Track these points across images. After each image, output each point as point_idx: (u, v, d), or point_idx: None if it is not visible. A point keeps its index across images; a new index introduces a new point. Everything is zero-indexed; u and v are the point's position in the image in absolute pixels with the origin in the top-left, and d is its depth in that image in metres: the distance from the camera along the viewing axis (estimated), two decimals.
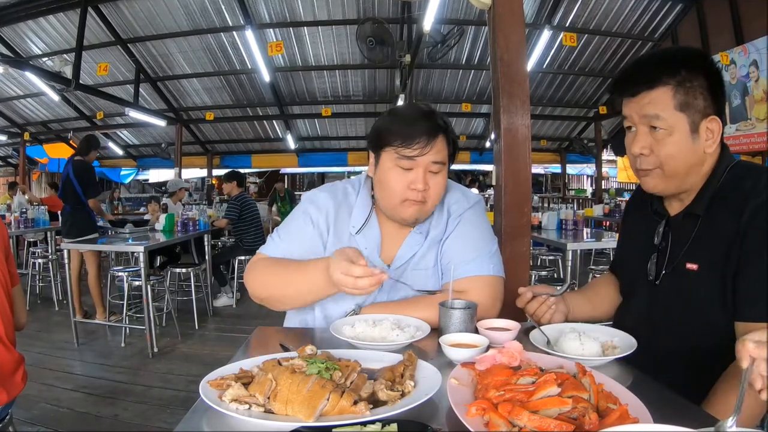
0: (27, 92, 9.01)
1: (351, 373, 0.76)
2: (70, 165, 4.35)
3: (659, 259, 1.08)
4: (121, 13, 6.98)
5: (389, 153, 1.15)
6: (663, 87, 0.96)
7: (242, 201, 5.18)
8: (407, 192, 1.14)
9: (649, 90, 0.97)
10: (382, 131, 1.17)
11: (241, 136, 10.99)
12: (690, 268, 1.01)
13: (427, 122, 1.13)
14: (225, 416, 0.68)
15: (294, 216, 1.29)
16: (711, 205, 1.00)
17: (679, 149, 0.98)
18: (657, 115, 0.97)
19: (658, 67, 0.98)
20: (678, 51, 1.03)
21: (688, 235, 1.03)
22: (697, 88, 0.96)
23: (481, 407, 0.64)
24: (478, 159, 11.25)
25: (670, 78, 0.96)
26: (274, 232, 1.28)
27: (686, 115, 0.96)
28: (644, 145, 1.00)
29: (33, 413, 2.58)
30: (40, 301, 5.18)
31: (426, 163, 1.13)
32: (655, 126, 0.98)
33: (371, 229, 1.24)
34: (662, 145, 0.98)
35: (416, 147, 1.11)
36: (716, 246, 0.97)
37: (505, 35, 2.09)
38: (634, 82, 1.00)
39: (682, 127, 0.97)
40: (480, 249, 1.21)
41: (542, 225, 4.61)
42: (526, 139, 2.11)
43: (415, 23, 5.91)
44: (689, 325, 1.01)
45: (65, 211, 4.44)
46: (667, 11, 7.06)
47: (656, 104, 0.97)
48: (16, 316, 1.54)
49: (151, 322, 3.58)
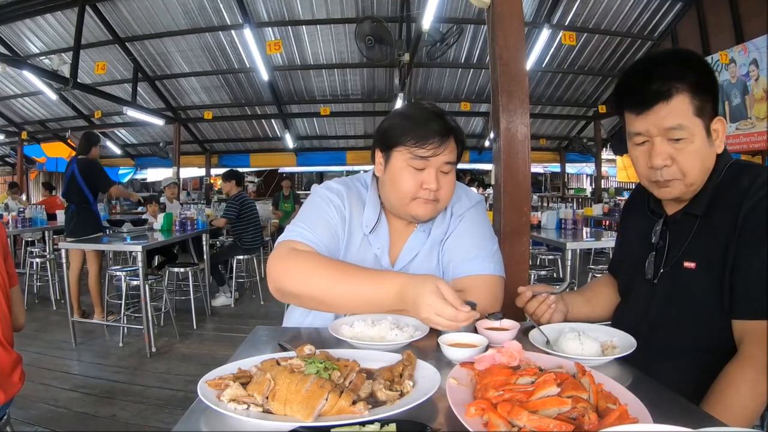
0: (25, 91, 8.98)
1: (350, 372, 0.75)
2: (75, 164, 4.34)
3: (657, 259, 1.08)
4: (119, 12, 6.96)
5: (401, 153, 1.14)
6: (680, 95, 0.94)
7: (241, 200, 5.17)
8: (420, 191, 1.14)
9: (666, 101, 0.94)
10: (393, 131, 1.16)
11: (240, 136, 10.97)
12: (687, 267, 1.01)
13: (439, 123, 1.13)
14: (223, 416, 0.68)
15: (315, 204, 1.22)
16: (709, 205, 1.00)
17: (699, 155, 0.97)
18: (679, 125, 0.94)
19: (670, 75, 0.94)
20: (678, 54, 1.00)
21: (686, 235, 1.02)
22: (705, 90, 0.95)
23: (481, 407, 0.64)
24: (477, 158, 11.25)
25: (684, 85, 0.94)
26: (296, 221, 1.19)
27: (702, 120, 0.95)
28: (666, 156, 0.97)
29: (30, 413, 2.57)
30: (37, 301, 5.17)
31: (439, 164, 1.13)
32: (677, 137, 0.95)
33: (382, 228, 1.24)
34: (684, 154, 0.96)
35: (430, 147, 1.11)
36: (713, 244, 0.97)
37: (504, 34, 2.09)
38: (648, 96, 0.96)
39: (700, 133, 0.96)
40: (480, 248, 1.21)
41: (541, 224, 4.61)
42: (526, 138, 2.10)
43: (414, 22, 5.91)
44: (687, 324, 1.01)
45: (69, 210, 4.42)
46: (667, 10, 7.06)
47: (676, 114, 0.94)
48: (14, 316, 1.53)
49: (149, 322, 3.57)
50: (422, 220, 1.20)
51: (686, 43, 6.99)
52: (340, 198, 1.22)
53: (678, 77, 0.94)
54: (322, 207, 1.21)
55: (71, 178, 4.32)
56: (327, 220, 1.19)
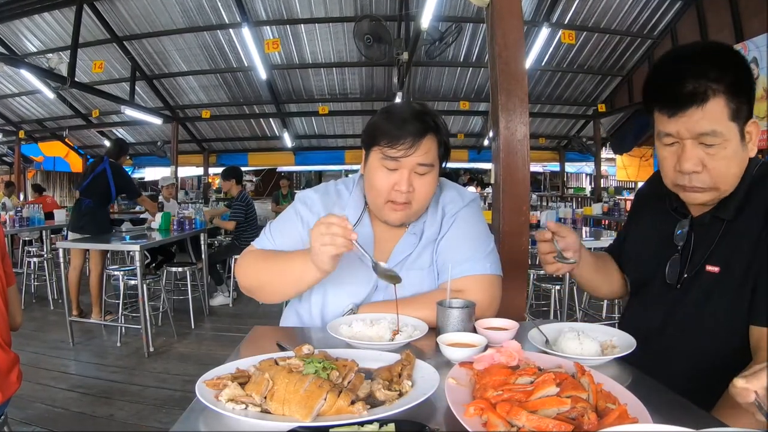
0: (22, 90, 8.94)
1: (348, 372, 0.75)
2: (107, 164, 4.40)
3: (681, 263, 1.02)
4: (117, 11, 6.93)
5: (376, 152, 1.14)
6: (716, 98, 0.86)
7: (246, 200, 5.15)
8: (391, 193, 1.13)
9: (701, 105, 0.86)
10: (372, 129, 1.16)
11: (238, 135, 10.94)
12: (710, 271, 0.96)
13: (416, 123, 1.11)
14: (221, 416, 0.68)
15: (286, 215, 1.29)
16: (738, 208, 0.95)
17: (732, 161, 0.91)
18: (713, 131, 0.87)
19: (706, 75, 0.86)
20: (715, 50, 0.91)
21: (712, 238, 0.97)
22: (742, 91, 0.88)
23: (480, 407, 0.64)
24: (476, 157, 11.25)
25: (720, 86, 0.86)
26: (266, 228, 1.29)
27: (736, 124, 0.89)
28: (697, 161, 0.90)
29: (28, 413, 2.56)
30: (35, 301, 5.15)
31: (411, 165, 1.11)
32: (710, 143, 0.88)
33: (363, 227, 1.23)
34: (716, 160, 0.90)
35: (401, 148, 1.10)
36: (739, 248, 0.93)
37: (503, 33, 2.09)
38: (682, 98, 0.88)
39: (735, 138, 0.89)
40: (476, 248, 1.20)
41: (541, 224, 4.61)
42: (525, 137, 2.10)
43: (413, 20, 5.90)
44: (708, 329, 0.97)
45: (83, 205, 4.36)
46: (667, 8, 7.03)
47: (711, 119, 0.87)
48: (11, 316, 1.53)
49: (147, 322, 3.56)
50: (394, 225, 1.20)
51: (686, 42, 6.95)
52: (309, 208, 1.26)
53: (715, 78, 0.86)
54: (289, 218, 1.27)
55: (100, 175, 4.34)
56: (290, 229, 1.25)
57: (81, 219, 4.35)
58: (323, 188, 1.32)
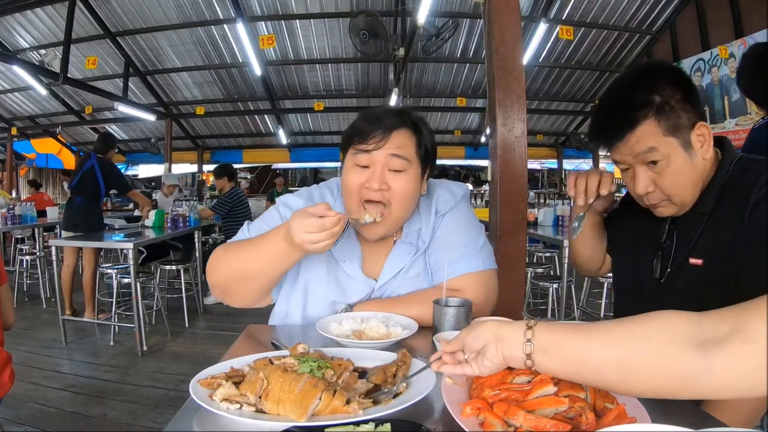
0: (14, 86, 8.84)
1: (343, 372, 0.74)
2: (94, 159, 4.33)
3: (664, 257, 1.07)
4: (110, 6, 6.86)
5: (350, 152, 1.10)
6: (644, 121, 0.93)
7: (234, 197, 5.13)
8: (363, 191, 1.06)
9: (632, 130, 0.94)
10: (347, 130, 1.12)
11: (232, 131, 10.88)
12: (694, 264, 1.00)
13: (390, 118, 1.08)
14: (215, 416, 0.67)
15: (268, 215, 1.21)
16: (717, 202, 0.99)
17: (681, 173, 0.96)
18: (651, 148, 0.94)
19: (631, 101, 0.94)
20: (643, 73, 0.98)
21: (693, 233, 1.02)
22: (675, 106, 0.93)
23: (476, 407, 0.63)
24: (473, 154, 11.23)
25: (647, 109, 0.93)
26: (244, 227, 1.20)
27: (676, 137, 0.94)
28: (647, 183, 0.98)
29: (20, 413, 2.54)
30: (27, 299, 5.10)
31: (383, 158, 1.05)
32: (653, 160, 0.95)
33: (349, 239, 1.15)
34: (664, 177, 0.96)
35: (371, 141, 1.05)
36: (721, 239, 0.96)
37: (500, 28, 2.08)
38: (614, 129, 0.97)
39: (676, 150, 0.95)
40: (466, 245, 1.17)
41: (538, 221, 4.61)
42: (522, 133, 2.10)
43: (409, 16, 5.88)
44: None
45: (75, 203, 4.34)
46: (666, 4, 7.00)
47: (645, 139, 0.94)
48: (4, 315, 1.52)
49: (141, 320, 3.54)
50: (372, 240, 1.12)
51: (685, 38, 6.95)
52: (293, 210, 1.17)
53: (640, 105, 0.93)
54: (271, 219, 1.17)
55: (88, 172, 4.29)
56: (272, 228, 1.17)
57: (73, 217, 4.32)
58: (306, 194, 1.25)
